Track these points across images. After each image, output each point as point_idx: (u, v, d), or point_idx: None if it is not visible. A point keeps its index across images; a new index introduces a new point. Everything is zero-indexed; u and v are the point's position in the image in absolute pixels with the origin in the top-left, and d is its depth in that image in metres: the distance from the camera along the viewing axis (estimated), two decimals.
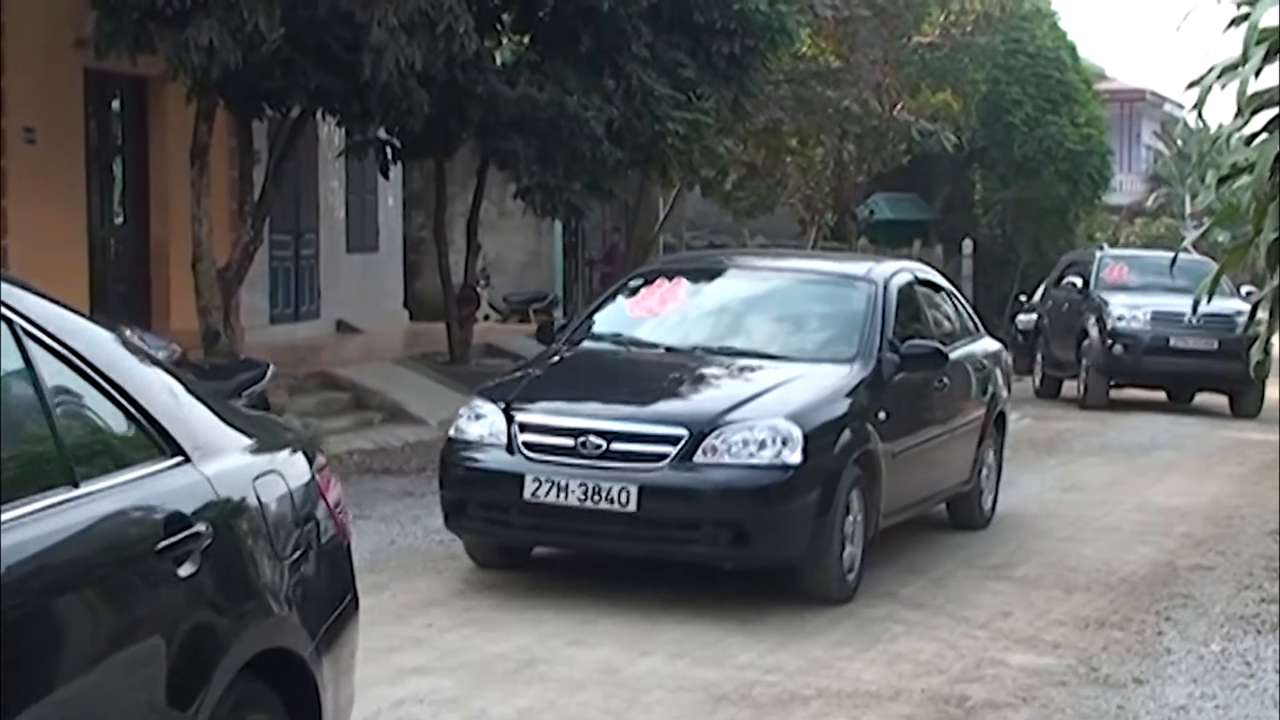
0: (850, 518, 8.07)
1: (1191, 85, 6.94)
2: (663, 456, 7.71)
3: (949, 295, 10.68)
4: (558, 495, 7.72)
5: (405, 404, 14.78)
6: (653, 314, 9.43)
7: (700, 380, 8.58)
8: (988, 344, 10.96)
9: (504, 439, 8.01)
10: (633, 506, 7.61)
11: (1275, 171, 6.55)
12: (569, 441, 7.82)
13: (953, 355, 9.51)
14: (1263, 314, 7.38)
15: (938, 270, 11.28)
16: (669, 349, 9.04)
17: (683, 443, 7.72)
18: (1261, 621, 8.18)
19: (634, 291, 9.74)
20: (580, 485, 7.68)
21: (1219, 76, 6.73)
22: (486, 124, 14.70)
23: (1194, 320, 17.87)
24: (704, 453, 7.71)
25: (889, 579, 8.83)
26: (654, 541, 7.85)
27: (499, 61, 15.76)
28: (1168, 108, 48.36)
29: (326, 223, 19.27)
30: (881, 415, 8.45)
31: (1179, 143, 48.41)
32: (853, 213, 27.14)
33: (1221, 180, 7.15)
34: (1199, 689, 6.92)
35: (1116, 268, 20.73)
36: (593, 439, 7.77)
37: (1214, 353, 18.63)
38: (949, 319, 10.38)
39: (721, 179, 23.87)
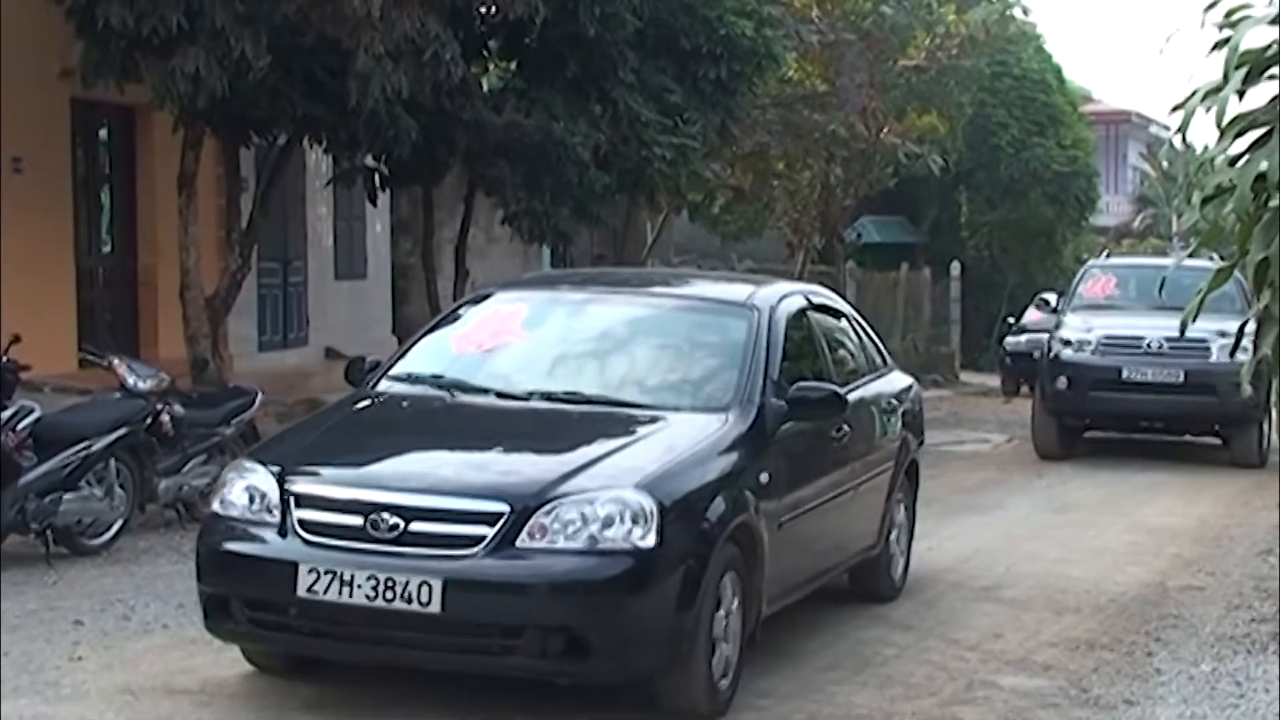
0: (722, 611, 6.48)
1: (1176, 108, 6.97)
2: (476, 540, 6.02)
3: (851, 322, 9.12)
4: (340, 591, 6.02)
5: None
6: (484, 349, 7.66)
7: (533, 437, 6.92)
8: (897, 379, 9.36)
9: (276, 516, 6.30)
10: (435, 606, 5.93)
11: (1257, 193, 6.58)
12: (357, 520, 6.12)
13: (854, 397, 8.02)
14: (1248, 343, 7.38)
15: (839, 293, 9.74)
16: (499, 395, 7.25)
17: (502, 522, 6.03)
18: (1252, 641, 8.19)
19: (464, 321, 7.96)
20: (369, 578, 5.98)
21: (1203, 99, 6.76)
22: (473, 150, 14.73)
23: (1154, 346, 15.44)
24: (530, 535, 6.03)
25: (878, 600, 8.83)
26: (463, 651, 6.12)
27: (486, 88, 15.80)
28: (1153, 129, 48.57)
29: (314, 250, 19.28)
30: (764, 476, 6.85)
31: (1165, 164, 48.59)
32: (840, 236, 27.19)
33: (1206, 201, 7.17)
34: (1189, 710, 6.92)
35: (1101, 281, 17.78)
36: (386, 517, 6.08)
37: (1179, 387, 15.30)
38: (850, 352, 8.87)
39: (709, 203, 23.91)
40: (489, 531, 6.04)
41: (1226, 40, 6.70)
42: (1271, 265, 6.68)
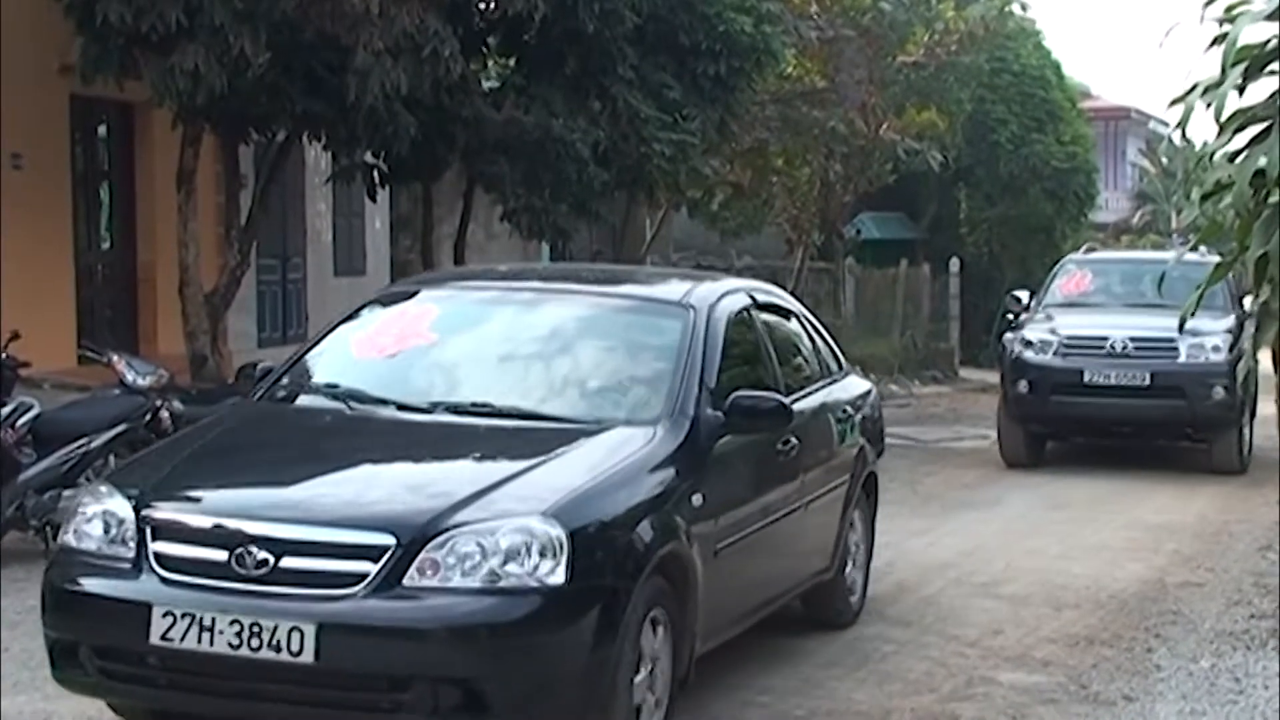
0: (648, 652, 5.67)
1: (1174, 103, 6.97)
2: (356, 578, 5.18)
3: (802, 322, 8.25)
4: (200, 638, 5.17)
5: None
6: (388, 354, 6.79)
7: (433, 456, 6.05)
8: (853, 384, 8.58)
9: (130, 550, 5.43)
10: (309, 655, 5.09)
11: (1256, 188, 6.58)
12: (221, 554, 5.27)
13: (804, 405, 7.38)
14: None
15: (788, 290, 8.91)
16: (400, 407, 6.36)
17: (387, 557, 5.18)
18: (1251, 637, 8.19)
19: (369, 321, 7.09)
20: (232, 623, 5.13)
21: (1202, 95, 6.76)
22: (473, 147, 14.73)
23: (1118, 347, 14.55)
24: (420, 571, 5.18)
25: (878, 597, 8.84)
26: (341, 707, 5.25)
27: (485, 85, 15.80)
28: (1152, 125, 48.58)
29: (313, 246, 19.29)
30: (697, 498, 6.04)
31: (1164, 160, 48.61)
32: (840, 232, 27.21)
33: (1205, 197, 7.18)
34: (1189, 706, 6.92)
35: (1077, 277, 16.65)
36: (254, 550, 5.23)
37: (1145, 390, 14.40)
38: (801, 356, 8.06)
39: (708, 200, 23.93)
40: (371, 568, 5.17)
41: (1225, 36, 6.70)
42: (1271, 261, 6.68)
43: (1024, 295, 16.90)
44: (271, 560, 5.22)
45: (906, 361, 26.23)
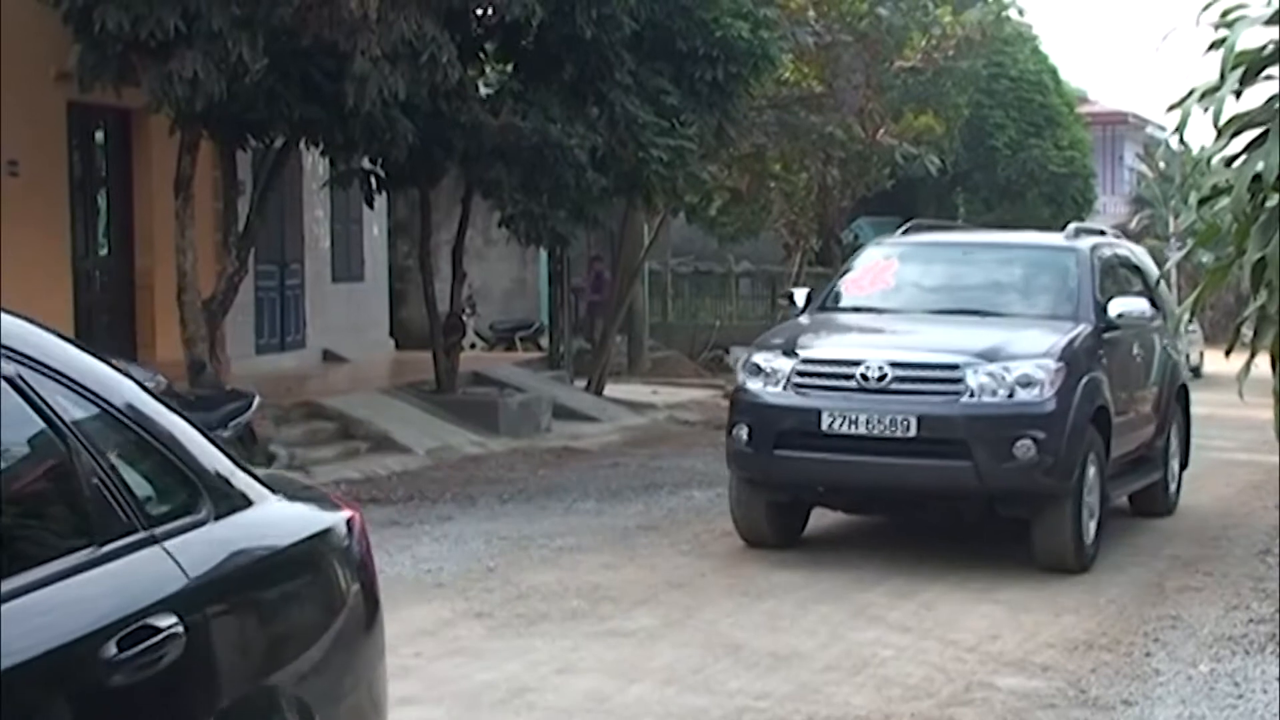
0: None
1: (1172, 108, 6.99)
2: None
3: (29, 393, 3.01)
4: None
5: (392, 433, 14.80)
6: None
7: None
8: (257, 528, 3.56)
9: None
10: None
11: (1254, 192, 6.60)
12: None
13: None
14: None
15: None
16: None
17: None
18: (1250, 642, 8.18)
19: None
20: None
21: (1200, 99, 6.78)
22: (470, 153, 14.74)
23: (873, 377, 9.53)
24: None
25: (877, 602, 8.84)
26: None
27: (482, 90, 15.82)
28: (1150, 130, 48.65)
29: (312, 252, 19.28)
30: None
31: (1162, 164, 48.66)
32: (837, 237, 27.25)
33: (1202, 201, 7.20)
34: (1188, 710, 6.91)
35: (878, 267, 11.44)
36: None
37: (910, 442, 9.47)
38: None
39: (706, 205, 23.97)
40: None
41: (1223, 40, 6.72)
42: (1269, 264, 6.69)
43: (801, 295, 11.55)
44: None
45: None
